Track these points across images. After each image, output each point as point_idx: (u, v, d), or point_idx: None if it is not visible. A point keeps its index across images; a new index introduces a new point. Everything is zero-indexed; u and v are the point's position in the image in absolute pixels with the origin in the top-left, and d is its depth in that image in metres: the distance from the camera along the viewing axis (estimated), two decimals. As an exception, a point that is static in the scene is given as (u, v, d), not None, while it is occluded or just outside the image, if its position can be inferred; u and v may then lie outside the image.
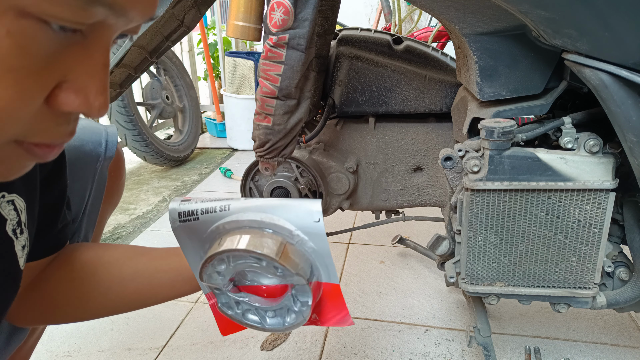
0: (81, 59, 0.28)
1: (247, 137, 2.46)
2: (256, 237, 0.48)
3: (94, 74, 0.29)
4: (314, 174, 0.98)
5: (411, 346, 1.06)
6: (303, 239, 0.49)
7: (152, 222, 1.74)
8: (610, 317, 1.14)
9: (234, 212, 0.50)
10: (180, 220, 0.51)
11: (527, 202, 0.71)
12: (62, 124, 0.30)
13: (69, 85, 0.28)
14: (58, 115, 0.30)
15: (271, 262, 0.47)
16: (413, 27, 2.72)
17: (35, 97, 0.27)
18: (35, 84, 0.26)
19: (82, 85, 0.29)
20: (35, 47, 0.25)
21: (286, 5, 0.70)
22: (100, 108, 0.30)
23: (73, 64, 0.28)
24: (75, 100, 0.29)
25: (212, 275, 0.50)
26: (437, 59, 1.00)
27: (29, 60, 0.25)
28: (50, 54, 0.26)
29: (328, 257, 0.50)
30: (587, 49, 0.59)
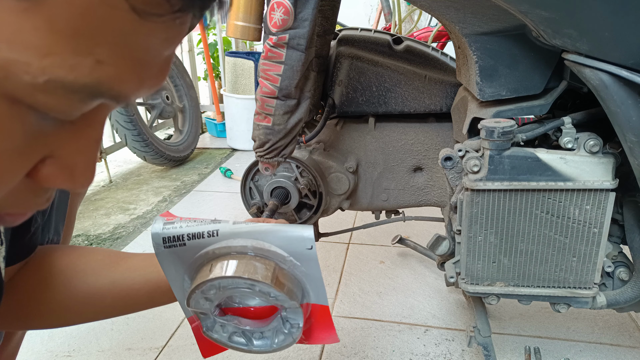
0: (72, 137, 0.26)
1: (247, 137, 2.46)
2: (248, 262, 0.46)
3: (83, 150, 0.27)
4: (314, 174, 0.98)
5: (411, 346, 1.06)
6: (295, 264, 0.48)
7: (152, 222, 1.73)
8: (610, 317, 1.14)
9: (223, 238, 0.48)
10: (165, 246, 0.48)
11: (527, 202, 0.71)
12: (41, 195, 0.28)
13: (54, 161, 0.26)
14: (37, 187, 0.27)
15: (265, 288, 0.46)
16: (413, 27, 2.72)
17: (16, 176, 0.25)
18: (17, 163, 0.24)
19: (68, 162, 0.26)
20: (22, 131, 0.23)
21: (286, 5, 0.70)
22: (84, 183, 0.28)
23: (62, 142, 0.25)
24: (58, 177, 0.26)
25: (200, 301, 0.49)
26: (437, 59, 1.00)
27: (13, 143, 0.23)
28: (38, 136, 0.24)
29: (319, 281, 0.49)
30: (587, 49, 0.59)
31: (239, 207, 1.81)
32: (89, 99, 0.23)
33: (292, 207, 1.00)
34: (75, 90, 0.22)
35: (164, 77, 0.27)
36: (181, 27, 0.25)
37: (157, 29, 0.23)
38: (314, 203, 1.02)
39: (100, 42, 0.21)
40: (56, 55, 0.21)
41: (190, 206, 1.87)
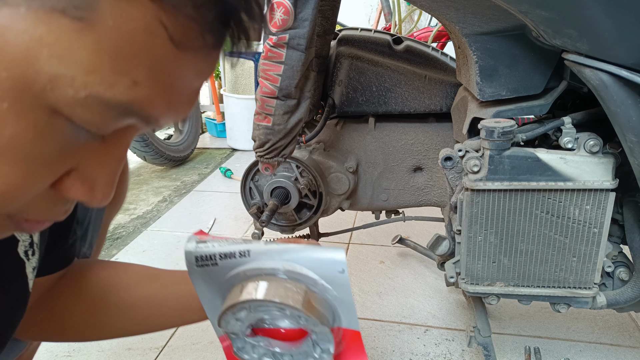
0: (98, 152, 0.28)
1: (247, 137, 2.46)
2: (279, 285, 0.46)
3: (106, 166, 0.29)
4: (314, 174, 0.98)
5: (411, 346, 1.06)
6: (326, 288, 0.47)
7: (152, 222, 1.74)
8: (610, 317, 1.14)
9: (255, 259, 0.48)
10: (197, 265, 0.49)
11: (527, 202, 0.71)
12: (60, 205, 0.30)
13: (77, 174, 0.28)
14: (58, 198, 0.29)
15: (295, 312, 0.45)
16: (413, 27, 2.72)
17: (43, 183, 0.27)
18: (46, 172, 0.26)
19: (91, 176, 0.28)
20: (56, 141, 0.25)
21: (286, 5, 0.70)
22: (102, 199, 0.30)
23: (87, 156, 0.28)
24: (80, 189, 0.29)
25: (231, 321, 0.48)
26: (437, 59, 1.00)
27: (46, 151, 0.25)
28: (69, 147, 0.26)
29: (351, 305, 0.48)
30: (587, 49, 0.59)
31: (239, 207, 1.81)
32: (122, 117, 0.25)
33: (292, 207, 1.00)
34: (111, 106, 0.24)
35: (190, 107, 0.29)
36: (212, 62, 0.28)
37: (190, 61, 0.26)
38: (314, 203, 1.02)
39: (138, 65, 0.24)
40: (98, 72, 0.23)
41: (190, 206, 1.87)
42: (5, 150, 0.24)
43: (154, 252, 1.51)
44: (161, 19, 0.24)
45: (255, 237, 1.06)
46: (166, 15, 0.24)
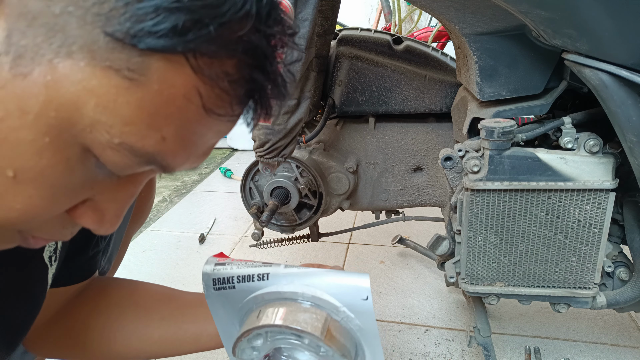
0: (113, 187, 0.31)
1: (247, 137, 2.46)
2: (299, 311, 0.44)
3: (119, 201, 0.32)
4: (314, 174, 0.98)
5: (411, 346, 1.06)
6: (349, 316, 0.44)
7: (152, 222, 1.74)
8: (610, 317, 1.14)
9: (274, 282, 0.46)
10: (215, 288, 0.48)
11: (527, 202, 0.71)
12: (68, 228, 0.33)
13: (91, 204, 0.31)
14: (68, 221, 0.32)
15: (314, 341, 0.43)
16: (413, 27, 2.72)
17: (61, 209, 0.30)
18: (67, 200, 0.29)
19: (103, 207, 0.31)
20: (81, 175, 0.28)
21: (286, 5, 0.70)
22: (108, 229, 0.32)
23: (105, 189, 0.31)
24: (90, 217, 0.31)
25: (247, 350, 0.46)
26: (437, 59, 1.00)
27: (71, 182, 0.28)
28: (90, 181, 0.29)
29: (375, 337, 0.45)
30: (587, 49, 0.59)
31: (239, 207, 1.81)
32: (145, 165, 0.29)
33: (292, 207, 1.00)
34: (138, 155, 0.28)
35: (204, 159, 0.33)
36: (232, 125, 0.32)
37: (215, 124, 0.29)
38: (314, 203, 1.02)
39: (170, 124, 0.27)
40: (135, 125, 0.26)
41: (190, 206, 1.87)
42: (37, 177, 0.27)
43: (154, 252, 1.51)
44: (199, 88, 0.27)
45: (255, 237, 1.06)
46: (204, 86, 0.27)
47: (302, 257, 1.45)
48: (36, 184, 0.27)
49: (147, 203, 0.80)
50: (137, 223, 0.81)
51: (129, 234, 0.78)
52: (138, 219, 0.80)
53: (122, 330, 0.59)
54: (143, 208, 0.79)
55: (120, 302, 0.60)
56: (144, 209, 0.80)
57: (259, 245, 1.14)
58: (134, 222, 0.78)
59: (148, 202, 0.80)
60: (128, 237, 0.79)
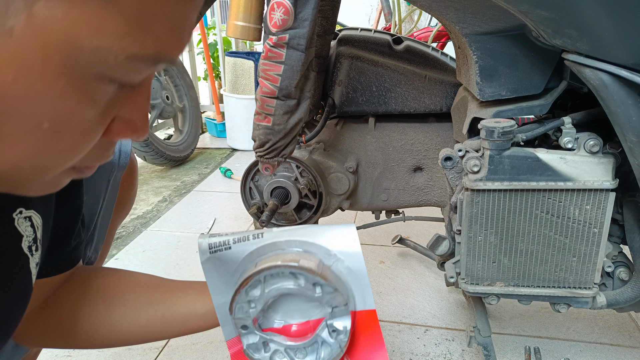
0: (131, 97, 0.34)
1: (247, 137, 2.46)
2: (293, 255, 0.47)
3: (140, 107, 0.35)
4: (314, 174, 0.98)
5: (411, 346, 1.06)
6: (339, 259, 0.48)
7: (152, 222, 1.74)
8: (610, 317, 1.14)
9: (269, 239, 0.48)
10: (211, 252, 0.49)
11: (527, 202, 0.71)
12: (109, 149, 0.37)
13: (121, 119, 0.34)
14: (108, 142, 0.35)
15: (310, 279, 0.45)
16: (413, 27, 2.72)
17: (98, 134, 0.33)
18: (101, 124, 0.32)
19: (131, 118, 0.34)
20: (104, 99, 0.30)
21: (286, 5, 0.70)
22: (144, 132, 0.36)
23: (125, 102, 0.33)
24: (126, 131, 0.35)
25: (243, 306, 0.48)
26: (437, 59, 1.00)
27: (99, 109, 0.30)
28: (112, 101, 0.31)
29: (365, 278, 0.48)
30: (587, 49, 0.59)
31: (239, 207, 1.81)
32: (153, 65, 0.30)
33: (292, 207, 1.00)
34: (145, 60, 0.29)
35: (190, 36, 0.34)
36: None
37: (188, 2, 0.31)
38: (314, 203, 1.02)
39: (157, 21, 0.28)
40: (129, 37, 0.27)
41: (190, 206, 1.87)
42: (70, 118, 0.29)
43: (154, 252, 1.51)
44: None
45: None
46: None
47: (302, 257, 1.45)
48: (72, 124, 0.30)
49: (130, 192, 0.80)
50: (121, 213, 0.81)
51: (114, 224, 0.78)
52: (122, 209, 0.80)
53: (110, 315, 0.59)
54: (127, 197, 0.79)
55: (106, 289, 0.60)
56: (128, 198, 0.80)
57: (259, 245, 1.14)
58: (118, 213, 0.78)
59: (131, 192, 0.80)
60: (113, 227, 0.79)
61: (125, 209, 0.82)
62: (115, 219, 0.78)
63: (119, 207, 0.77)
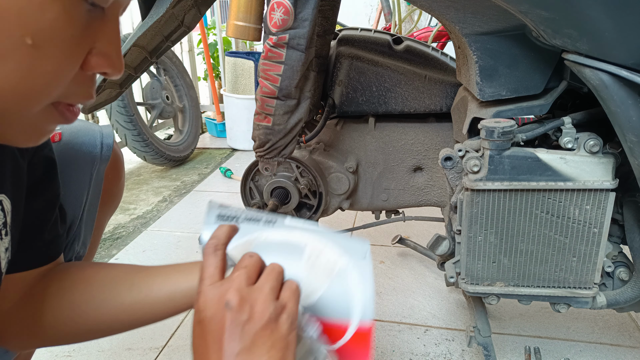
0: (103, 29, 0.36)
1: (247, 137, 2.46)
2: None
3: (112, 40, 0.37)
4: (314, 174, 0.98)
5: (411, 346, 1.06)
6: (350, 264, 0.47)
7: (152, 222, 1.74)
8: (610, 317, 1.14)
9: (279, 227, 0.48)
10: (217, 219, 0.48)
11: (527, 202, 0.71)
12: (89, 85, 0.38)
13: (97, 51, 0.36)
14: (86, 78, 0.37)
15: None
16: (413, 27, 2.72)
17: (78, 61, 0.35)
18: (78, 49, 0.34)
19: (106, 50, 0.37)
20: (79, 18, 0.33)
21: (286, 5, 0.70)
22: (120, 67, 0.38)
23: (98, 34, 0.36)
24: (103, 62, 0.37)
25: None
26: (437, 59, 1.00)
27: (75, 29, 0.33)
28: (86, 25, 0.34)
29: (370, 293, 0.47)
30: (587, 49, 0.59)
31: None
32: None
33: (292, 207, 1.00)
34: None
35: None
36: None
37: None
38: (314, 203, 1.02)
39: None
40: None
41: (190, 206, 1.87)
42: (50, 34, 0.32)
43: (154, 252, 1.51)
44: None
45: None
46: None
47: (302, 257, 1.45)
48: (52, 41, 0.32)
49: (117, 185, 0.79)
50: (109, 207, 0.80)
51: (101, 217, 0.77)
52: (110, 202, 0.79)
53: (91, 302, 0.57)
54: (113, 190, 0.78)
55: (86, 278, 0.59)
56: (114, 191, 0.79)
57: (259, 245, 1.14)
58: (105, 206, 0.77)
59: (117, 185, 0.79)
60: (101, 221, 0.78)
61: (114, 202, 0.81)
62: (103, 212, 0.78)
63: (106, 200, 0.76)
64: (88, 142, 0.70)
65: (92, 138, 0.70)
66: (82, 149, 0.69)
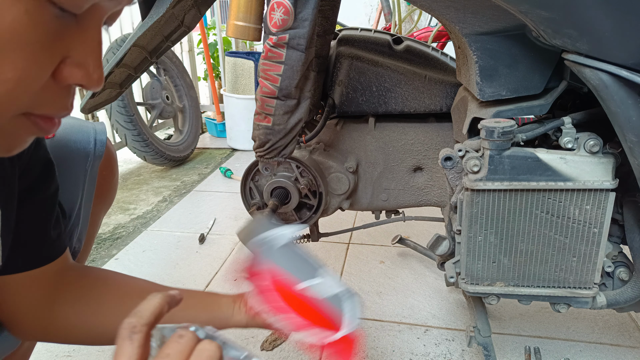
0: (79, 38, 0.33)
1: (247, 137, 2.46)
2: None
3: (91, 50, 0.34)
4: (314, 174, 0.98)
5: (411, 346, 1.06)
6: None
7: (152, 222, 1.74)
8: (610, 317, 1.14)
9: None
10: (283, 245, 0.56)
11: (527, 202, 0.71)
12: (64, 97, 0.35)
13: (71, 61, 0.33)
14: (61, 89, 0.34)
15: None
16: (413, 27, 2.72)
17: (45, 69, 0.32)
18: (45, 56, 0.31)
19: (82, 60, 0.34)
20: (45, 23, 0.30)
21: (286, 5, 0.70)
22: (98, 80, 0.35)
23: (73, 43, 0.33)
24: (77, 73, 0.34)
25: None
26: (437, 59, 1.00)
27: (40, 35, 0.30)
28: (56, 31, 0.31)
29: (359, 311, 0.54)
30: (587, 49, 0.59)
31: (239, 207, 1.81)
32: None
33: (292, 207, 1.00)
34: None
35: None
36: None
37: None
38: (314, 203, 1.02)
39: None
40: None
41: (190, 206, 1.87)
42: (10, 38, 0.29)
43: (154, 252, 1.51)
44: None
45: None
46: None
47: (302, 257, 1.45)
48: (12, 45, 0.29)
49: (111, 182, 0.80)
50: (104, 203, 0.81)
51: (96, 214, 0.78)
52: (104, 198, 0.80)
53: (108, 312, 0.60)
54: (107, 187, 0.79)
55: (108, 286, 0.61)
56: (109, 187, 0.80)
57: (259, 245, 1.14)
58: (100, 203, 0.78)
59: (112, 181, 0.80)
60: (96, 217, 0.79)
61: (108, 198, 0.82)
62: (98, 209, 0.78)
63: (101, 196, 0.77)
64: (81, 139, 0.70)
65: (86, 135, 0.71)
66: (76, 145, 0.69)
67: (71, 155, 0.68)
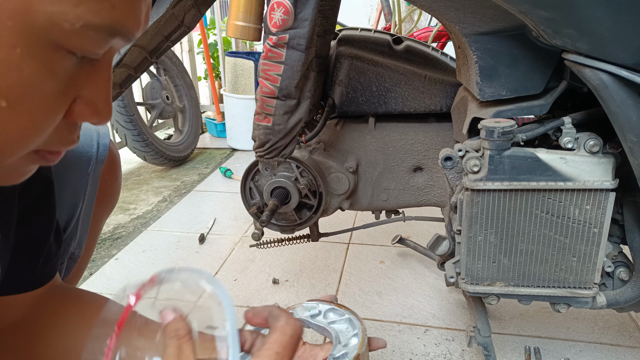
0: (91, 76, 0.33)
1: (247, 137, 2.46)
2: None
3: (101, 87, 0.34)
4: (314, 174, 0.98)
5: (411, 346, 1.06)
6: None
7: (152, 222, 1.74)
8: (610, 317, 1.14)
9: None
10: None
11: (527, 202, 0.71)
12: (72, 132, 0.35)
13: (81, 100, 0.33)
14: (70, 125, 0.34)
15: None
16: (413, 27, 2.72)
17: (59, 113, 0.32)
18: (60, 102, 0.31)
19: (92, 98, 0.33)
20: (63, 72, 0.30)
21: (286, 5, 0.70)
22: (107, 116, 0.35)
23: (85, 82, 0.32)
24: (87, 112, 0.34)
25: None
26: (437, 59, 1.00)
27: (58, 84, 0.30)
28: (71, 76, 0.31)
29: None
30: (587, 49, 0.59)
31: (239, 207, 1.81)
32: (110, 37, 0.30)
33: (292, 207, 1.00)
34: (101, 30, 0.29)
35: (147, 13, 0.34)
36: None
37: None
38: (314, 203, 1.02)
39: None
40: (84, 4, 0.27)
41: (190, 206, 1.87)
42: (27, 92, 0.28)
43: (154, 252, 1.51)
44: None
45: (255, 237, 1.06)
46: None
47: (302, 257, 1.45)
48: (31, 98, 0.29)
49: (114, 186, 0.78)
50: (106, 207, 0.79)
51: (98, 218, 0.77)
52: (107, 202, 0.78)
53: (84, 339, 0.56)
54: (110, 191, 0.78)
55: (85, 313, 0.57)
56: (111, 191, 0.78)
57: (258, 245, 1.14)
58: (102, 206, 0.76)
59: (114, 185, 0.78)
60: (98, 221, 0.77)
61: (110, 202, 0.81)
62: (100, 212, 0.77)
63: (103, 200, 0.75)
64: (84, 142, 0.68)
65: (89, 138, 0.69)
66: (78, 149, 0.68)
67: (73, 158, 0.67)
